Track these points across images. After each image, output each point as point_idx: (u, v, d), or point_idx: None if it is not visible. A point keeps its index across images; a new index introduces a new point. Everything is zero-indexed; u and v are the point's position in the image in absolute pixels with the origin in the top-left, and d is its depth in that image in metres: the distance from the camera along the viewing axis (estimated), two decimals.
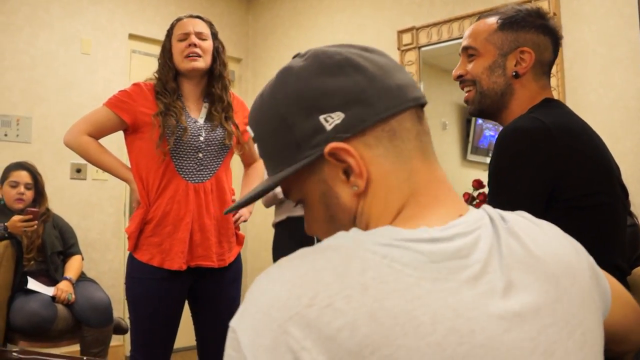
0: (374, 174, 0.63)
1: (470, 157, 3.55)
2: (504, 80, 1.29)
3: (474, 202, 2.98)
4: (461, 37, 1.40)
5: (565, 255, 0.65)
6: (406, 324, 0.51)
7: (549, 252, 0.63)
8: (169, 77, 1.98)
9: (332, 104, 0.62)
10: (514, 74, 1.28)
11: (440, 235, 0.59)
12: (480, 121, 3.54)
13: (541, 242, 0.64)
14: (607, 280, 0.75)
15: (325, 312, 0.51)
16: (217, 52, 2.04)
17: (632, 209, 2.17)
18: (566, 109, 1.29)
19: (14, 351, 0.78)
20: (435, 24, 3.50)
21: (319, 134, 0.63)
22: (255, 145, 0.72)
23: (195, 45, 1.96)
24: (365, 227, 0.64)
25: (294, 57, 0.71)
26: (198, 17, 2.06)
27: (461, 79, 1.36)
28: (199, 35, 1.99)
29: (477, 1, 3.30)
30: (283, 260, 0.58)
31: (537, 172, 1.14)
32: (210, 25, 2.07)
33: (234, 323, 0.55)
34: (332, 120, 0.62)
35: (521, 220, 0.67)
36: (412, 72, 3.59)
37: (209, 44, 2.02)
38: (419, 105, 0.68)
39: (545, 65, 1.31)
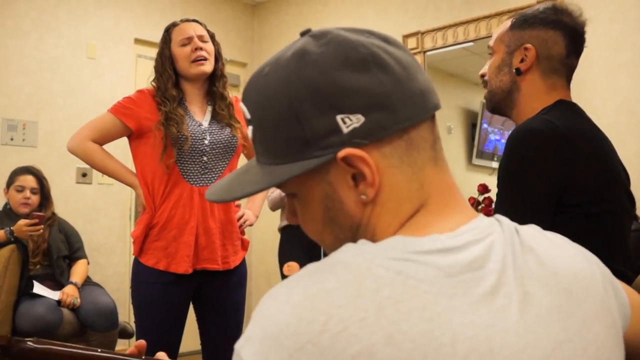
0: (385, 184, 0.59)
1: (476, 161, 3.55)
2: (509, 78, 1.31)
3: (480, 207, 2.97)
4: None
5: (577, 267, 0.63)
6: (425, 345, 0.48)
7: (561, 265, 0.61)
8: (169, 85, 1.96)
9: (353, 104, 0.57)
10: (515, 70, 1.29)
11: (452, 244, 0.56)
12: (485, 125, 3.54)
13: (553, 255, 0.62)
14: (626, 291, 0.72)
15: (340, 338, 0.48)
16: (219, 53, 2.05)
17: (638, 212, 2.16)
18: (581, 112, 1.27)
19: (29, 341, 0.80)
20: (440, 29, 3.49)
21: (333, 135, 0.57)
22: (249, 128, 0.65)
23: (201, 49, 1.96)
24: (372, 237, 0.61)
25: (304, 34, 0.63)
26: (194, 20, 2.05)
27: (482, 79, 1.40)
28: (201, 38, 1.99)
29: (482, 6, 3.30)
30: (290, 280, 0.54)
31: (546, 175, 1.13)
32: (206, 27, 2.07)
33: (239, 346, 0.51)
34: (350, 122, 0.57)
35: (533, 232, 0.64)
36: None
37: (211, 46, 2.02)
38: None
39: (554, 61, 1.28)
